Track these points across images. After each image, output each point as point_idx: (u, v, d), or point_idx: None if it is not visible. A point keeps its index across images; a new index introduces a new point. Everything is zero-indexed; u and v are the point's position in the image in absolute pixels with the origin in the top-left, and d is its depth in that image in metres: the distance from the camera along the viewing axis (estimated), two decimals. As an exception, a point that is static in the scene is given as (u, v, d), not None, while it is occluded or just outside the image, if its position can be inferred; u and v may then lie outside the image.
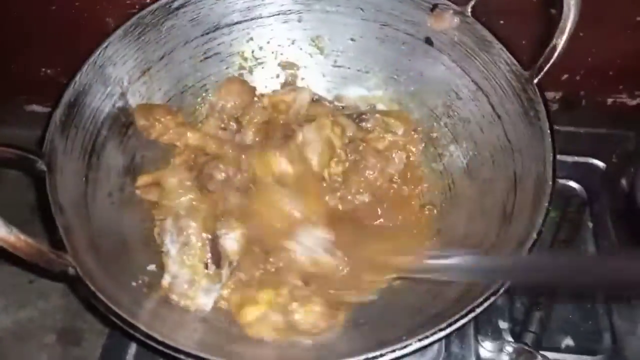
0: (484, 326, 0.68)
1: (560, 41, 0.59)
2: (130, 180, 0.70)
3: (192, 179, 0.70)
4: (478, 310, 0.49)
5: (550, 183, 0.56)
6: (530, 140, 0.61)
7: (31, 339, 0.81)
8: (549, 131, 0.59)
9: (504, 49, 0.64)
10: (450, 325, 0.48)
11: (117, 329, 0.70)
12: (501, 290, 0.50)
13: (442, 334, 0.48)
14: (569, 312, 0.70)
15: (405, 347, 0.47)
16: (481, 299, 0.49)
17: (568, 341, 0.68)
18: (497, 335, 0.67)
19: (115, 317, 0.50)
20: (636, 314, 0.69)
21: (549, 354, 0.65)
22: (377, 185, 0.73)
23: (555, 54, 0.59)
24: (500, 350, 0.66)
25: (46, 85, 0.63)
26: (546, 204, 0.54)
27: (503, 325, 0.68)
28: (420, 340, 0.47)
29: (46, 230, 0.55)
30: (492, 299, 0.49)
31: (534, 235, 0.52)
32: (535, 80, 0.61)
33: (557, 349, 0.67)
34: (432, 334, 0.47)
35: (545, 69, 0.60)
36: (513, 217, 0.59)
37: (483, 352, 0.67)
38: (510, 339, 0.67)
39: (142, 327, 0.49)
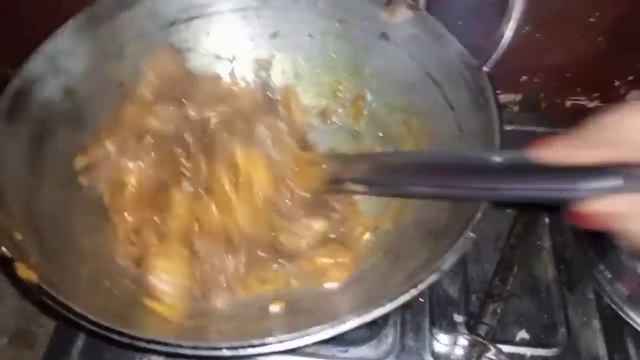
0: (439, 319, 0.67)
1: (507, 28, 0.59)
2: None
3: None
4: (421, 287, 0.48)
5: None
6: (480, 127, 0.61)
7: (-17, 341, 0.80)
8: (497, 116, 0.59)
9: (455, 39, 0.65)
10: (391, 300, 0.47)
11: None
12: (445, 268, 0.49)
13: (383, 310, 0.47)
14: (525, 305, 0.69)
15: (343, 323, 0.46)
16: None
17: (523, 334, 0.67)
18: (451, 328, 0.66)
19: (47, 297, 0.48)
20: (591, 308, 0.69)
21: (503, 347, 0.63)
22: None
23: (502, 40, 0.60)
24: (455, 343, 0.65)
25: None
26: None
27: (458, 318, 0.67)
28: (359, 316, 0.46)
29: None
30: (435, 276, 0.48)
31: (479, 214, 0.52)
32: (485, 68, 0.62)
33: (512, 342, 0.66)
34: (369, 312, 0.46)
35: (494, 56, 0.61)
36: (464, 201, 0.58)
37: (437, 346, 0.66)
38: (465, 331, 0.66)
39: (75, 307, 0.48)
